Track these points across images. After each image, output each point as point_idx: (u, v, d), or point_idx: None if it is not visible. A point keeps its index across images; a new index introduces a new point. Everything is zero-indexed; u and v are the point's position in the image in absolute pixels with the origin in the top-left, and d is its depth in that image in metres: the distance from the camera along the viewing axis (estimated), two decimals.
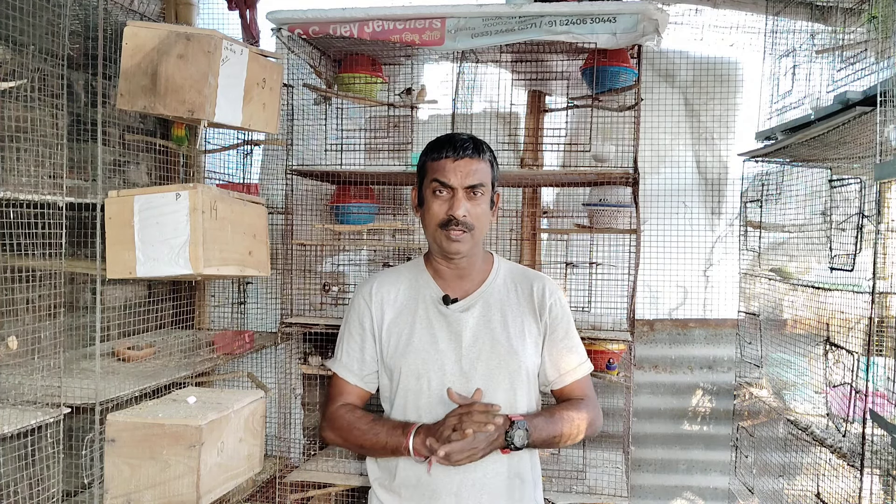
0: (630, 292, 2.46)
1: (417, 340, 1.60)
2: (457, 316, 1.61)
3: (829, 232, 1.94)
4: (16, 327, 1.64)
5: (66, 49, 1.69)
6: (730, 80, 3.17)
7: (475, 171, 1.55)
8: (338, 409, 1.66)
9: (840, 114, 1.74)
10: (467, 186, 1.55)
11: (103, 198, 1.86)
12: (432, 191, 1.57)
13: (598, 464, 2.62)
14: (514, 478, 1.58)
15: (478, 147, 1.58)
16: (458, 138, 1.58)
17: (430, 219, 1.58)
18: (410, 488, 1.57)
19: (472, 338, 1.59)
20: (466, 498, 1.54)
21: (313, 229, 2.66)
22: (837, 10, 2.14)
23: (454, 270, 1.65)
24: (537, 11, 2.39)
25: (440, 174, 1.55)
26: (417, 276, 1.68)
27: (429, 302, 1.64)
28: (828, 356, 1.93)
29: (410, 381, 1.58)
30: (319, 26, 2.52)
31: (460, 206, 1.54)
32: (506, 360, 1.57)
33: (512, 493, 1.58)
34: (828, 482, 1.90)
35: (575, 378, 1.65)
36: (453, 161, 1.54)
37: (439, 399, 1.55)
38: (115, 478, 1.80)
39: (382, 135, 2.77)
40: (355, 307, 1.69)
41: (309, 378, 2.84)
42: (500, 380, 1.57)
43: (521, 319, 1.63)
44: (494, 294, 1.65)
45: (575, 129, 2.84)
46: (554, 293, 1.66)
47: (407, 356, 1.59)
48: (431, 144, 1.61)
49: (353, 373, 1.68)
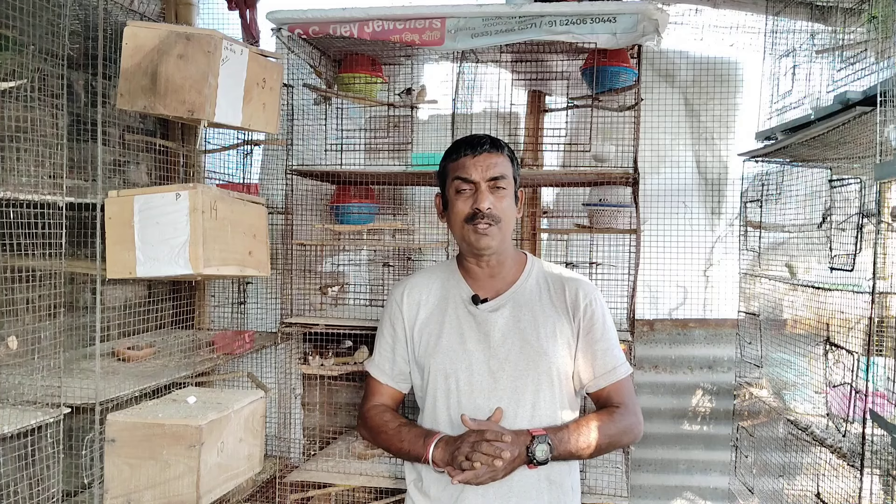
0: (630, 292, 2.46)
1: (446, 340, 1.61)
2: (486, 316, 1.61)
3: (829, 232, 1.94)
4: (16, 327, 1.64)
5: (66, 49, 1.69)
6: (730, 80, 3.17)
7: (495, 164, 1.57)
8: (370, 409, 1.70)
9: (840, 114, 1.74)
10: (489, 179, 1.56)
11: (103, 198, 1.86)
12: (455, 189, 1.58)
13: (598, 464, 2.61)
14: (544, 481, 1.55)
15: (495, 143, 1.60)
16: (474, 137, 1.60)
17: (455, 217, 1.59)
18: (439, 489, 1.58)
19: (500, 338, 1.58)
20: (493, 498, 1.53)
21: (313, 229, 2.66)
22: (837, 10, 2.14)
23: (485, 270, 1.64)
24: (537, 11, 2.39)
25: (461, 171, 1.57)
26: (449, 277, 1.70)
27: (458, 302, 1.64)
28: (828, 356, 1.93)
29: (439, 380, 1.59)
30: (319, 26, 2.52)
31: (485, 199, 1.55)
32: (535, 361, 1.56)
33: (541, 496, 1.55)
34: (828, 482, 1.90)
35: (610, 381, 1.61)
36: (472, 157, 1.56)
37: (468, 399, 1.56)
38: (115, 478, 1.80)
39: (382, 135, 2.77)
40: (388, 310, 1.72)
41: (309, 378, 2.84)
42: (528, 381, 1.56)
43: (554, 320, 1.61)
44: (525, 294, 1.64)
45: (575, 129, 2.84)
46: (589, 294, 1.63)
47: (436, 356, 1.60)
48: (449, 148, 1.64)
49: (384, 373, 1.71)
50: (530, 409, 1.55)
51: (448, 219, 1.63)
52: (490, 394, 1.56)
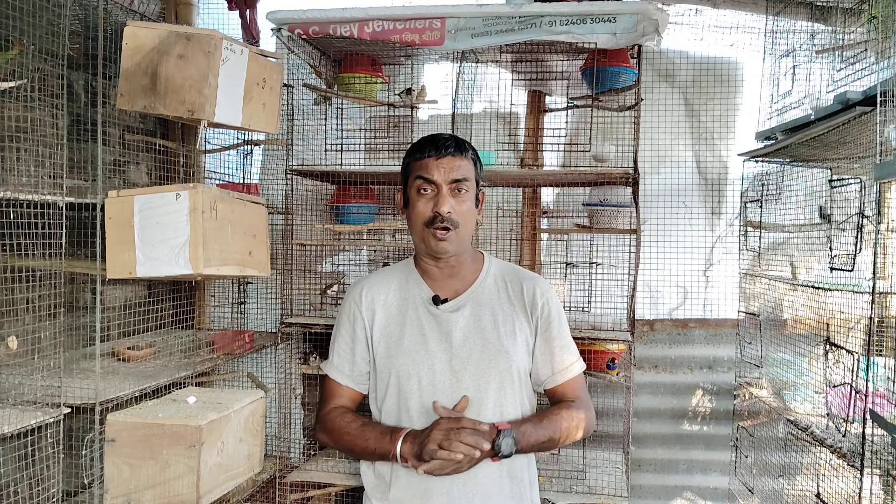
0: (630, 292, 2.46)
1: (408, 341, 1.61)
2: (446, 316, 1.61)
3: (829, 232, 1.94)
4: (16, 327, 1.64)
5: (66, 49, 1.69)
6: (730, 80, 3.17)
7: (458, 167, 1.57)
8: (329, 411, 1.67)
9: (840, 114, 1.74)
10: (451, 182, 1.56)
11: (103, 198, 1.86)
12: (417, 189, 1.59)
13: (598, 464, 2.62)
14: (506, 476, 1.58)
15: (460, 145, 1.60)
16: (440, 137, 1.60)
17: (415, 218, 1.59)
18: (402, 489, 1.58)
19: (462, 338, 1.59)
20: (458, 497, 1.54)
21: (313, 229, 2.66)
22: (837, 10, 2.14)
23: (444, 270, 1.66)
24: (537, 11, 2.39)
25: (424, 171, 1.57)
26: (408, 277, 1.69)
27: (419, 302, 1.64)
28: (828, 356, 1.93)
29: (402, 381, 1.59)
30: (319, 26, 2.52)
31: (445, 203, 1.55)
32: (496, 360, 1.58)
33: (504, 491, 1.58)
34: (828, 482, 1.90)
35: (567, 377, 1.66)
36: (436, 159, 1.57)
37: (430, 400, 1.56)
38: (115, 478, 1.80)
39: (382, 135, 2.77)
40: (346, 310, 1.70)
41: (309, 378, 2.84)
42: (491, 379, 1.57)
43: (513, 319, 1.63)
44: (485, 294, 1.65)
45: (575, 129, 2.84)
46: (546, 293, 1.67)
47: (398, 357, 1.60)
48: (414, 145, 1.64)
49: (344, 374, 1.69)
50: (492, 407, 1.57)
51: (408, 217, 1.64)
52: (453, 394, 1.56)
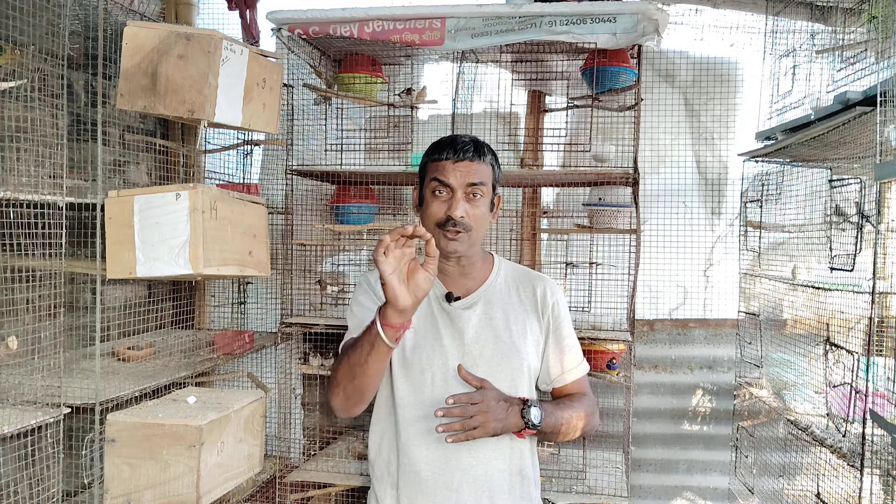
0: (630, 292, 2.46)
1: (422, 335, 1.61)
2: (459, 313, 1.62)
3: (829, 232, 1.94)
4: (16, 327, 1.64)
5: (66, 49, 1.69)
6: (730, 80, 3.17)
7: (475, 171, 1.56)
8: None
9: (840, 114, 1.74)
10: (467, 186, 1.56)
11: (103, 198, 1.86)
12: (432, 190, 1.58)
13: (598, 464, 2.62)
14: (515, 475, 1.59)
15: (479, 149, 1.59)
16: (459, 140, 1.59)
17: (429, 217, 1.59)
18: (410, 484, 1.57)
19: (474, 335, 1.60)
20: (467, 494, 1.54)
21: (313, 229, 2.66)
22: (837, 10, 2.14)
23: (456, 268, 1.66)
24: (537, 11, 2.39)
25: (440, 174, 1.56)
26: None
27: (432, 298, 1.64)
28: (828, 356, 1.93)
29: (414, 375, 1.59)
30: (319, 26, 2.52)
31: (458, 207, 1.54)
32: (508, 358, 1.59)
33: (513, 489, 1.59)
34: (828, 482, 1.90)
35: (576, 377, 1.68)
36: (454, 163, 1.56)
37: (443, 394, 1.55)
38: (115, 478, 1.80)
39: (382, 135, 2.77)
40: (360, 293, 1.67)
41: (309, 378, 2.84)
42: (502, 377, 1.57)
43: (524, 319, 1.65)
44: (496, 293, 1.66)
45: (575, 129, 2.83)
46: (555, 293, 1.69)
47: (412, 351, 1.60)
48: (433, 145, 1.62)
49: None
50: None
51: (422, 216, 1.64)
52: (464, 390, 1.54)
